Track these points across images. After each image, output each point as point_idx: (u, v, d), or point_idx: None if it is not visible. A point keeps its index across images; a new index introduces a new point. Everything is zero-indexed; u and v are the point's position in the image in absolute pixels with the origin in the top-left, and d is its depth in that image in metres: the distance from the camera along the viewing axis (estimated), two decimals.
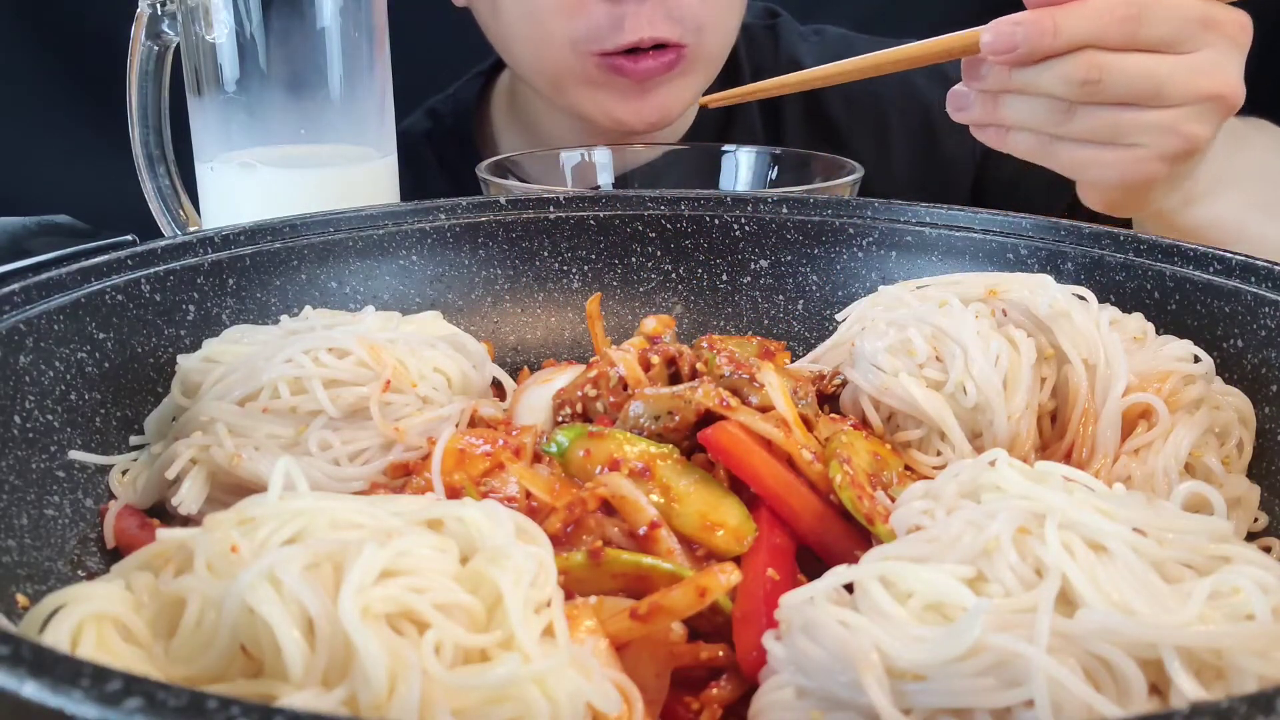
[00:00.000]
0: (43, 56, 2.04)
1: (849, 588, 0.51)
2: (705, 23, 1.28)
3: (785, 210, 0.97)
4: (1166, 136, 0.89)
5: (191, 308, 0.81)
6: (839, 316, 0.86)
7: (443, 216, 0.95)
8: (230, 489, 0.70)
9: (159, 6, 1.05)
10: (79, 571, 0.65)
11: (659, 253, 0.98)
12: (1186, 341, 0.75)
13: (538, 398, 0.80)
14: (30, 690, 0.33)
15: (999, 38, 0.87)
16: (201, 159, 1.08)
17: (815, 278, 0.96)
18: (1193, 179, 0.99)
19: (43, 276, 0.72)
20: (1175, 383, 0.71)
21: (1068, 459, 0.70)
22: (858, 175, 1.15)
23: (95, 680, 0.33)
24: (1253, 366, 0.74)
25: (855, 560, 0.53)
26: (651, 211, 0.98)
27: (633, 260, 0.98)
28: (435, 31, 1.72)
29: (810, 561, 0.63)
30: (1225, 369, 0.75)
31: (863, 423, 0.75)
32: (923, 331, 0.73)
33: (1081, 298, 0.76)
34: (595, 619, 0.54)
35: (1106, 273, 0.83)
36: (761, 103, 1.55)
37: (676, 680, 0.56)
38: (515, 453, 0.69)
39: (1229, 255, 0.78)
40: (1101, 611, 0.45)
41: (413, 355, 0.76)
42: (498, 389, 0.86)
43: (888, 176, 1.50)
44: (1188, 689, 0.43)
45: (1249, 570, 0.47)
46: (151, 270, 0.79)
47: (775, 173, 1.32)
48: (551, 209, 0.98)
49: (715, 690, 0.56)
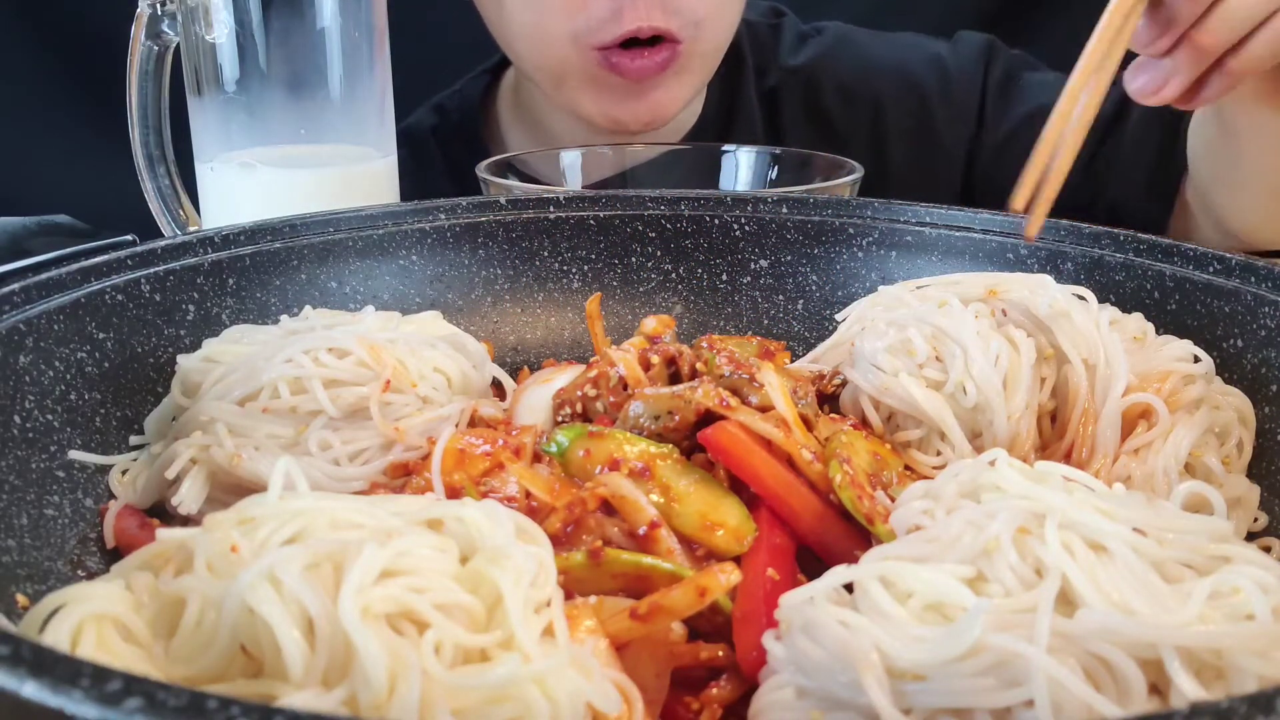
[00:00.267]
0: (43, 56, 2.04)
1: (849, 588, 0.51)
2: (703, 17, 1.30)
3: (785, 210, 0.97)
4: None
5: (191, 308, 0.81)
6: (839, 316, 0.86)
7: (443, 216, 0.95)
8: (230, 489, 0.70)
9: (159, 6, 1.05)
10: (79, 571, 0.65)
11: (659, 253, 0.98)
12: (1186, 341, 0.75)
13: (538, 398, 0.80)
14: (30, 690, 0.33)
15: None
16: (201, 159, 1.08)
17: (815, 278, 0.96)
18: None
19: (43, 276, 0.72)
20: (1175, 383, 0.71)
21: (1068, 459, 0.70)
22: (858, 175, 1.15)
23: (95, 680, 0.33)
24: (1253, 366, 0.74)
25: (855, 560, 0.53)
26: (651, 211, 0.98)
27: (633, 260, 0.98)
28: (436, 31, 1.72)
29: (810, 561, 0.63)
30: (1225, 369, 0.75)
31: (863, 423, 0.75)
32: (923, 331, 0.73)
33: (1081, 298, 0.76)
34: (595, 619, 0.54)
35: (1106, 273, 0.83)
36: (761, 101, 1.55)
37: (676, 680, 0.56)
38: (515, 453, 0.69)
39: (1229, 255, 0.78)
40: (1101, 611, 0.45)
41: (413, 355, 0.76)
42: (498, 389, 0.86)
43: (884, 171, 1.49)
44: (1188, 689, 0.43)
45: (1249, 570, 0.47)
46: (151, 270, 0.79)
47: (775, 173, 1.32)
48: (551, 209, 0.98)
49: (715, 690, 0.56)
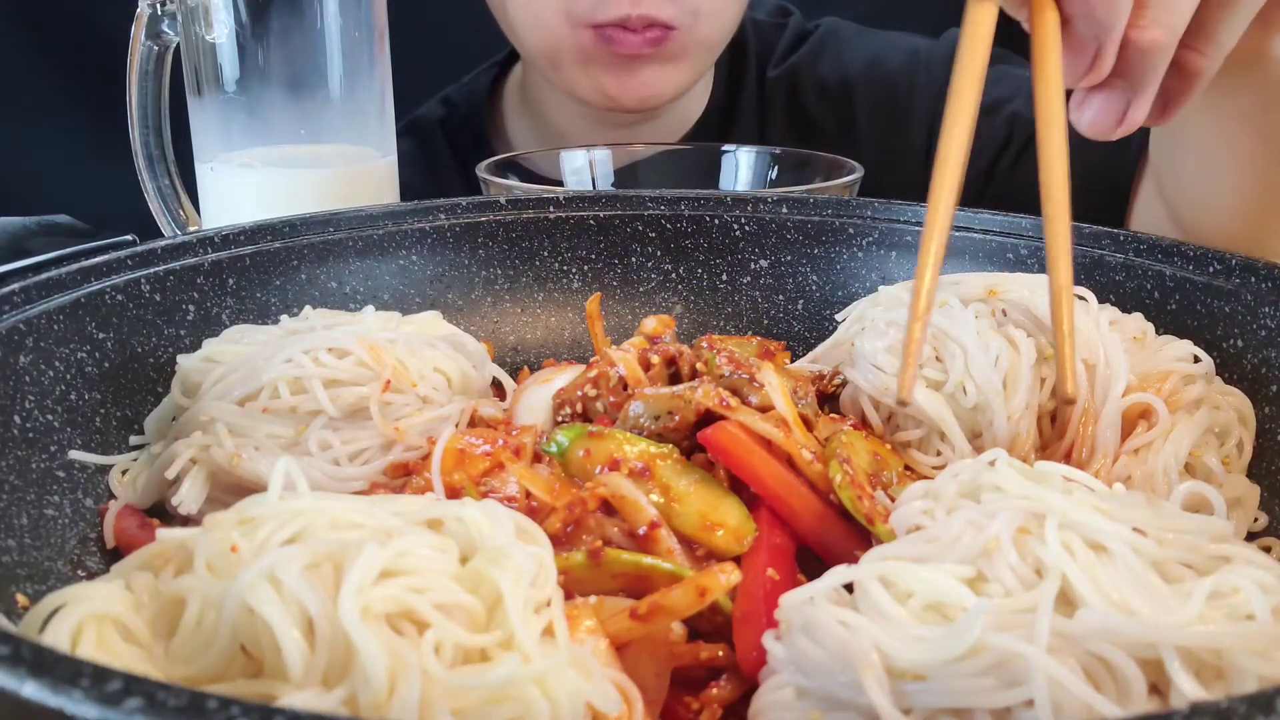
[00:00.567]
0: (43, 56, 2.04)
1: (849, 588, 0.51)
2: (701, 7, 1.30)
3: (785, 210, 0.97)
4: None
5: (191, 308, 0.81)
6: (839, 316, 0.86)
7: (443, 216, 0.95)
8: (230, 489, 0.70)
9: (159, 6, 1.05)
10: (79, 571, 0.65)
11: (659, 253, 0.98)
12: (1186, 341, 0.75)
13: (538, 398, 0.80)
14: (30, 690, 0.33)
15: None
16: (201, 159, 1.08)
17: (815, 278, 0.96)
18: None
19: (43, 276, 0.72)
20: (1175, 383, 0.71)
21: (1068, 459, 0.70)
22: (857, 175, 1.15)
23: (95, 680, 0.33)
24: (1253, 366, 0.74)
25: (855, 560, 0.53)
26: (651, 211, 0.98)
27: (633, 260, 0.98)
28: (436, 31, 1.72)
29: (810, 561, 0.63)
30: (1225, 369, 0.75)
31: (863, 423, 0.75)
32: None
33: (1081, 298, 0.76)
34: (595, 619, 0.54)
35: (1106, 273, 0.83)
36: (757, 100, 1.56)
37: (676, 680, 0.56)
38: (515, 453, 0.69)
39: (1229, 255, 0.78)
40: (1102, 611, 0.45)
41: (413, 355, 0.76)
42: (498, 389, 0.86)
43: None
44: (1188, 689, 0.43)
45: (1249, 570, 0.47)
46: (151, 270, 0.79)
47: (775, 173, 1.32)
48: (551, 209, 0.98)
49: (715, 690, 0.56)
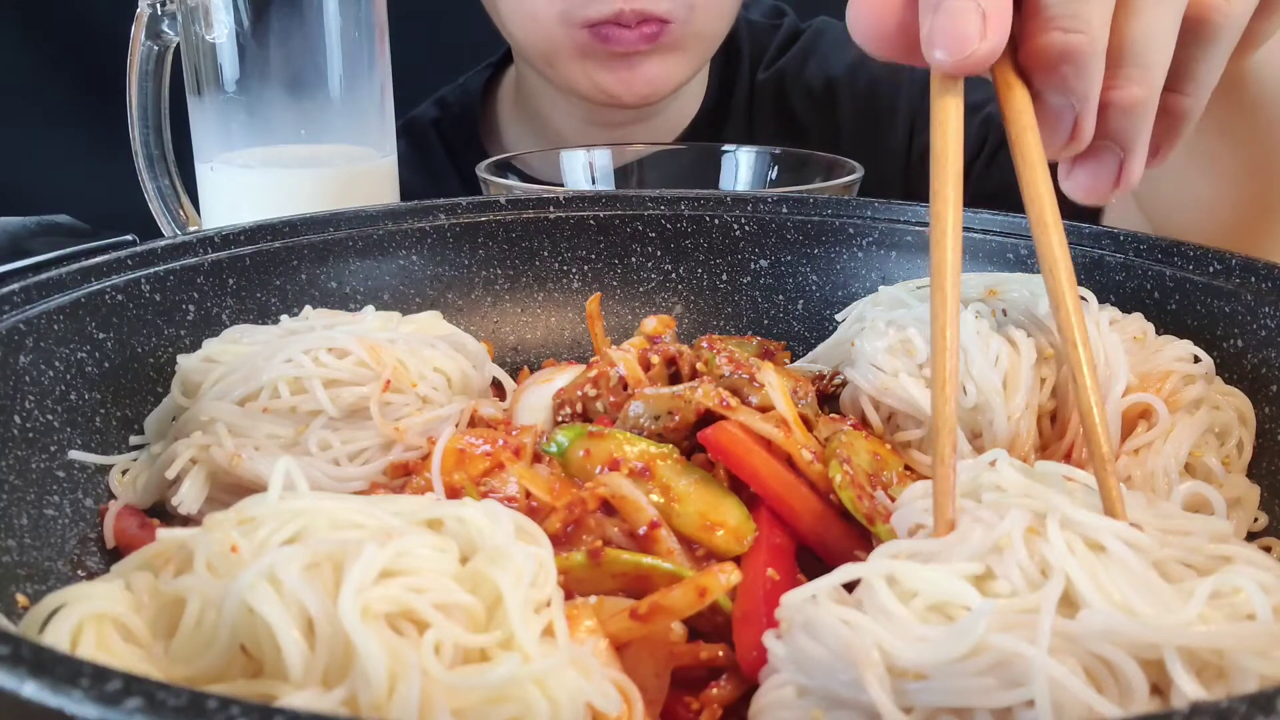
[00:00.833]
0: (43, 56, 2.04)
1: (849, 587, 0.51)
2: (696, 0, 1.31)
3: (785, 210, 0.97)
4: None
5: (191, 308, 0.81)
6: (839, 316, 0.86)
7: (443, 216, 0.95)
8: (230, 489, 0.70)
9: (159, 6, 1.05)
10: (79, 571, 0.65)
11: (659, 253, 0.98)
12: (1186, 341, 0.74)
13: (538, 398, 0.80)
14: (30, 690, 0.33)
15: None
16: (201, 159, 1.08)
17: (815, 278, 0.96)
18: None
19: (43, 276, 0.72)
20: (1175, 383, 0.71)
21: (1068, 459, 0.70)
22: (858, 175, 1.15)
23: (95, 680, 0.33)
24: (1253, 366, 0.74)
25: (855, 560, 0.53)
26: (651, 211, 0.98)
27: (633, 260, 0.98)
28: (436, 30, 1.72)
29: (810, 561, 0.63)
30: (1225, 369, 0.75)
31: (863, 423, 0.75)
32: (923, 332, 0.73)
33: (1082, 298, 0.76)
34: (595, 619, 0.54)
35: (1106, 273, 0.83)
36: (749, 101, 1.56)
37: (676, 680, 0.56)
38: (515, 453, 0.69)
39: (1229, 255, 0.77)
40: (1103, 612, 0.45)
41: (412, 355, 0.75)
42: (498, 389, 0.86)
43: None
44: (1189, 689, 0.43)
45: (1250, 570, 0.47)
46: (151, 270, 0.79)
47: (775, 173, 1.32)
48: (551, 209, 0.97)
49: (715, 690, 0.56)
